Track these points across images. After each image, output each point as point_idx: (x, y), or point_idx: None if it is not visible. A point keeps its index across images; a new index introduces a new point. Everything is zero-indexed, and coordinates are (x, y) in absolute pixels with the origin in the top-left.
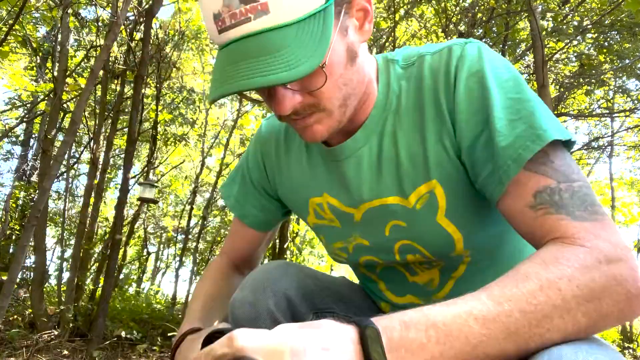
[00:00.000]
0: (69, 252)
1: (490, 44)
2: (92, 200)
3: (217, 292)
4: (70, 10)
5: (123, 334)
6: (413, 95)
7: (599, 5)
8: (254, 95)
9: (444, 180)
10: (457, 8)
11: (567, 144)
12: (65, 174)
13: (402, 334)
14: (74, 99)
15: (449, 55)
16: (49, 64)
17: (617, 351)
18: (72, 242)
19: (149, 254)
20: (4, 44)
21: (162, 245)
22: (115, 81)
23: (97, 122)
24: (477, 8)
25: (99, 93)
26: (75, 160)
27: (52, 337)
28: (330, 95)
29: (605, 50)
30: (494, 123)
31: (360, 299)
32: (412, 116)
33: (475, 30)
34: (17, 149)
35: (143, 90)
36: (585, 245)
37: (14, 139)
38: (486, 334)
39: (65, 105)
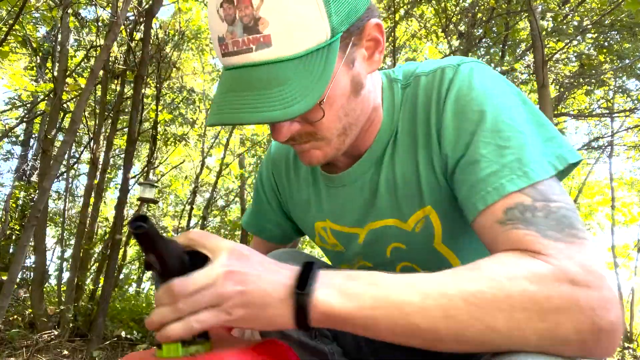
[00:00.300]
0: (69, 252)
1: (490, 43)
2: (92, 200)
3: None
4: (70, 10)
5: (123, 334)
6: (407, 119)
7: (599, 5)
8: None
9: (438, 206)
10: (457, 8)
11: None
12: (65, 174)
13: (342, 280)
14: (74, 99)
15: (442, 77)
16: (49, 64)
17: None
18: (72, 242)
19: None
20: (4, 44)
21: None
22: (115, 81)
23: (97, 122)
24: (477, 8)
25: (99, 93)
26: (75, 160)
27: (52, 337)
28: (330, 125)
29: (605, 50)
30: (479, 147)
31: None
32: (406, 141)
33: (475, 30)
34: (17, 149)
35: (143, 90)
36: (551, 262)
37: (14, 139)
38: (422, 306)
39: (65, 105)
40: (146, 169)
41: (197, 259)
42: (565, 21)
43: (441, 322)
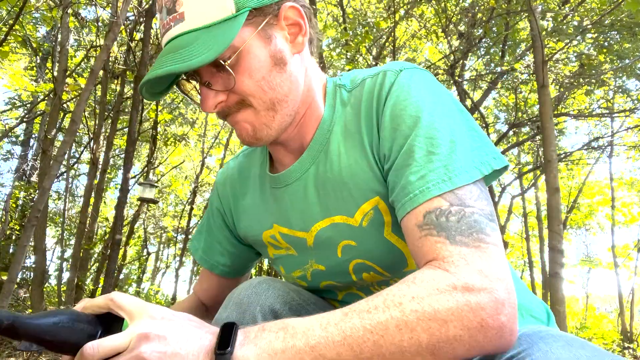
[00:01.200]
0: (69, 252)
1: (490, 43)
2: (92, 200)
3: None
4: (70, 10)
5: None
6: (354, 117)
7: (599, 5)
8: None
9: (385, 197)
10: (457, 8)
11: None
12: (65, 174)
13: (257, 333)
14: (74, 99)
15: (383, 80)
16: (49, 64)
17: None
18: (72, 242)
19: (149, 254)
20: (4, 44)
21: (162, 245)
22: (115, 81)
23: (97, 122)
24: (477, 8)
25: (99, 93)
26: (75, 160)
27: None
28: (253, 93)
29: (605, 50)
30: (412, 152)
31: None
32: (353, 137)
33: (475, 30)
34: (17, 149)
35: None
36: (449, 270)
37: (14, 139)
38: (324, 335)
39: (65, 105)
40: (146, 169)
41: (113, 323)
42: (565, 21)
43: (341, 344)
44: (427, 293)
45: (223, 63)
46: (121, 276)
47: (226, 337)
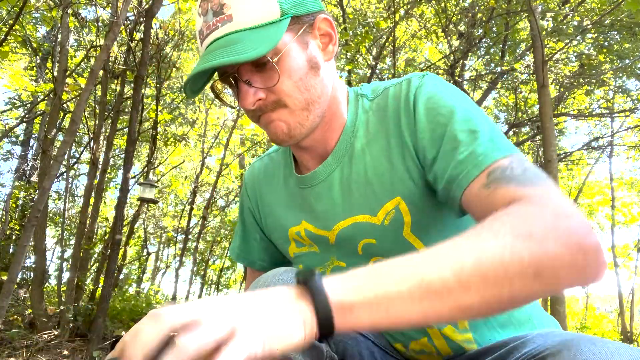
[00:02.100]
0: (69, 252)
1: (490, 43)
2: (92, 200)
3: None
4: (70, 10)
5: (123, 333)
6: (379, 122)
7: (599, 5)
8: (236, 103)
9: (407, 197)
10: (457, 8)
11: None
12: (65, 174)
13: (343, 278)
14: (74, 99)
15: (408, 85)
16: (49, 64)
17: None
18: (72, 242)
19: (149, 254)
20: (4, 44)
21: (162, 245)
22: (115, 81)
23: (97, 122)
24: (477, 8)
25: (99, 93)
26: (75, 160)
27: (52, 337)
28: (291, 93)
29: (605, 50)
30: (455, 135)
31: None
32: (379, 141)
33: (475, 30)
34: (17, 149)
35: (143, 90)
36: (532, 203)
37: (14, 139)
38: (420, 261)
39: (65, 105)
40: (146, 169)
41: None
42: (565, 21)
43: (449, 275)
44: (518, 219)
45: (270, 60)
46: (121, 276)
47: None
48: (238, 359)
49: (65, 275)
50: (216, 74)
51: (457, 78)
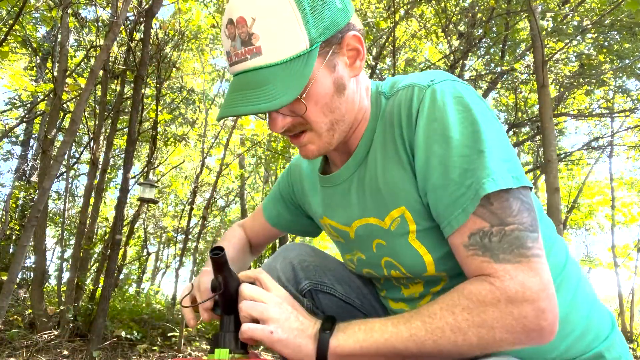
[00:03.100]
0: (69, 252)
1: (490, 43)
2: (92, 200)
3: (239, 257)
4: (70, 10)
5: (123, 334)
6: (388, 128)
7: (599, 5)
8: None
9: (411, 207)
10: (457, 8)
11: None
12: (65, 174)
13: (345, 325)
14: (74, 99)
15: (412, 96)
16: (49, 64)
17: None
18: (72, 242)
19: (149, 254)
20: (4, 44)
21: (162, 245)
22: (115, 81)
23: (97, 122)
24: (477, 8)
25: (99, 93)
26: (75, 160)
27: (52, 337)
28: (316, 119)
29: (605, 50)
30: (448, 172)
31: (363, 284)
32: (387, 148)
33: (475, 30)
34: (17, 149)
35: (143, 90)
36: (494, 284)
37: (14, 139)
38: (395, 332)
39: (65, 105)
40: (146, 169)
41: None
42: (565, 21)
43: (408, 340)
44: (475, 305)
45: (299, 98)
46: (121, 276)
47: (329, 324)
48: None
49: (65, 275)
50: None
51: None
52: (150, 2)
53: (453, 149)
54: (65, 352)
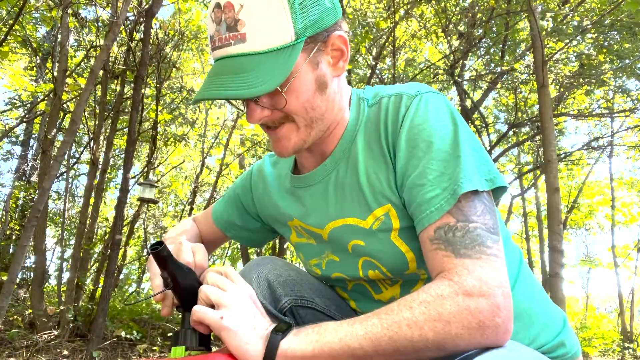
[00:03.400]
0: (69, 252)
1: (490, 43)
2: (92, 200)
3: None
4: (70, 10)
5: (123, 334)
6: (373, 131)
7: (599, 5)
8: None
9: (397, 205)
10: (457, 8)
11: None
12: (65, 174)
13: (298, 329)
14: (74, 99)
15: (399, 103)
16: (49, 64)
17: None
18: (72, 242)
19: (149, 254)
20: (4, 44)
21: None
22: (115, 81)
23: (97, 122)
24: (477, 8)
25: (99, 93)
26: (75, 160)
27: (52, 337)
28: (297, 112)
29: (605, 50)
30: (426, 173)
31: (339, 298)
32: (373, 150)
33: (475, 30)
34: (17, 149)
35: (143, 90)
36: (453, 279)
37: (14, 139)
38: (350, 330)
39: (65, 105)
40: (146, 169)
41: None
42: (565, 21)
43: (363, 338)
44: (433, 299)
45: (280, 90)
46: (121, 276)
47: (283, 327)
48: (207, 318)
49: (65, 275)
50: None
51: (457, 78)
52: (150, 2)
53: (433, 153)
54: (65, 352)
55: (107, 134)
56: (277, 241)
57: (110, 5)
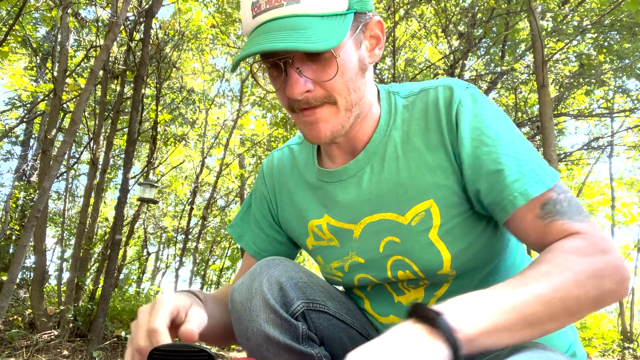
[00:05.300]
0: (69, 252)
1: (490, 43)
2: (92, 200)
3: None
4: (70, 10)
5: (123, 334)
6: (417, 124)
7: (599, 5)
8: (269, 86)
9: (441, 202)
10: (457, 8)
11: None
12: (65, 174)
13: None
14: (74, 99)
15: (451, 95)
16: (49, 64)
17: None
18: (72, 242)
19: (149, 254)
20: (4, 44)
21: (162, 245)
22: (115, 81)
23: (97, 122)
24: (477, 8)
25: (99, 93)
26: (75, 160)
27: (52, 337)
28: (341, 91)
29: (605, 50)
30: (500, 158)
31: (350, 300)
32: (416, 144)
33: (475, 30)
34: (17, 149)
35: (143, 90)
36: (587, 239)
37: (14, 139)
38: (518, 297)
39: (65, 105)
40: (146, 169)
41: None
42: (565, 21)
43: (534, 303)
44: (580, 258)
45: (334, 54)
46: (121, 276)
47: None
48: None
49: (65, 275)
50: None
51: (457, 78)
52: (150, 2)
53: (503, 139)
54: (65, 352)
55: (107, 134)
56: None
57: (110, 5)
